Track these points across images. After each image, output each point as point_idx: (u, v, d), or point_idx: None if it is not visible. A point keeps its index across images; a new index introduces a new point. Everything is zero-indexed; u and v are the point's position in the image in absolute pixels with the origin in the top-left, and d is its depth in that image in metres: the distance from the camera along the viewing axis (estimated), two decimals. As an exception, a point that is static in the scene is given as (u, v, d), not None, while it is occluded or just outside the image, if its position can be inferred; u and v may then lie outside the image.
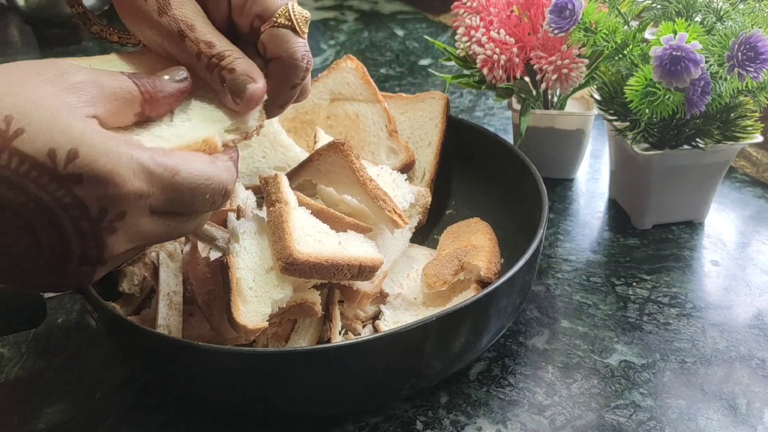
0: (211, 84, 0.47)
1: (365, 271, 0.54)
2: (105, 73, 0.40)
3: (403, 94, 0.78)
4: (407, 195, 0.65)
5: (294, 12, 0.49)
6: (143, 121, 0.42)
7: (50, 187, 0.36)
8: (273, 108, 0.50)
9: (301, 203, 0.57)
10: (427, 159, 0.74)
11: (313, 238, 0.53)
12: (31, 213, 0.36)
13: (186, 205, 0.42)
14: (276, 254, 0.52)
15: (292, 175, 0.62)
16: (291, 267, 0.51)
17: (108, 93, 0.39)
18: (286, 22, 0.48)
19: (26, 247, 0.37)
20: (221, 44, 0.47)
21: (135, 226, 0.39)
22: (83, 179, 0.36)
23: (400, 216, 0.59)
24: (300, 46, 0.49)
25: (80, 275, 0.39)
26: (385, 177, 0.65)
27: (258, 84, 0.47)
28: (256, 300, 0.51)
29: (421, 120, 0.76)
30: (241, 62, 0.47)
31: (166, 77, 0.43)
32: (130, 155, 0.38)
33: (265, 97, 0.47)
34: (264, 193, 0.57)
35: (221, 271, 0.52)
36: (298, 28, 0.49)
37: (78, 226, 0.37)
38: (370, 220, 0.61)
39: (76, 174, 0.36)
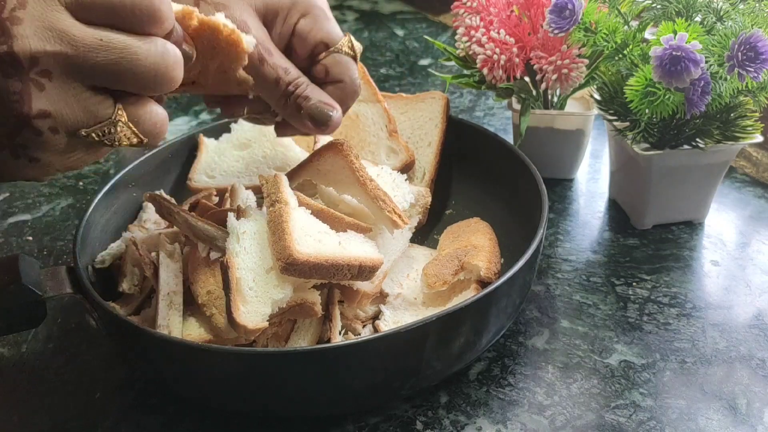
0: (285, 109, 0.52)
1: (365, 271, 0.54)
2: None
3: (403, 94, 0.78)
4: (407, 195, 0.64)
5: (353, 43, 0.55)
6: None
7: None
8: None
9: (301, 203, 0.57)
10: (427, 159, 0.74)
11: (313, 238, 0.53)
12: None
13: (106, 9, 0.38)
14: (276, 254, 0.52)
15: (292, 175, 0.62)
16: (291, 267, 0.51)
17: None
18: (350, 51, 0.54)
19: None
20: (294, 71, 0.53)
21: (45, 19, 0.36)
22: None
23: (399, 216, 0.59)
24: (357, 73, 0.56)
25: (11, 97, 0.36)
26: (385, 177, 0.65)
27: (339, 113, 0.53)
28: (256, 300, 0.51)
29: (421, 120, 0.76)
30: (312, 90, 0.52)
31: None
32: None
33: None
34: (264, 193, 0.57)
35: (221, 271, 0.52)
36: (357, 58, 0.55)
37: None
38: (370, 220, 0.61)
39: None
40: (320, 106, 0.52)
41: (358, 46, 0.55)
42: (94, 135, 0.39)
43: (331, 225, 0.57)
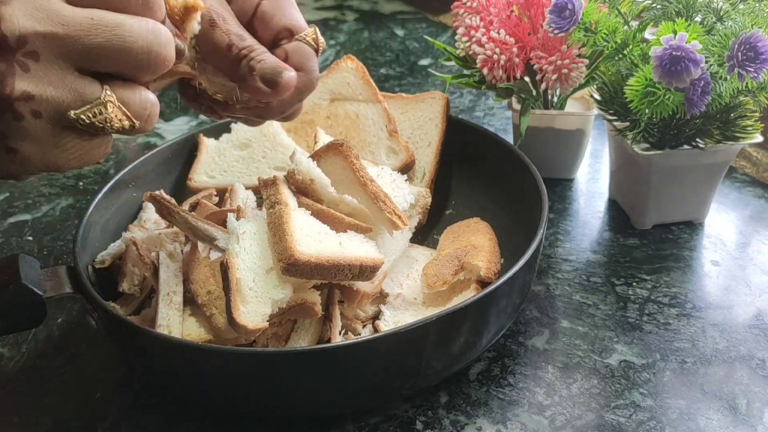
0: (236, 75, 0.48)
1: (366, 271, 0.54)
2: None
3: (403, 94, 0.78)
4: (407, 196, 0.65)
5: (318, 36, 0.53)
6: None
7: None
8: (275, 116, 0.53)
9: (300, 204, 0.57)
10: (427, 159, 0.74)
11: (313, 238, 0.53)
12: None
13: None
14: (277, 255, 0.52)
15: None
16: (292, 268, 0.51)
17: None
18: (313, 44, 0.52)
19: None
20: (250, 39, 0.49)
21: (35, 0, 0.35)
22: None
23: (399, 217, 0.59)
24: (317, 66, 0.52)
25: None
26: (385, 177, 0.65)
27: (292, 73, 0.48)
28: (256, 300, 0.51)
29: (421, 120, 0.76)
30: (269, 56, 0.49)
31: None
32: None
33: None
34: (263, 195, 0.57)
35: (221, 271, 0.52)
36: (319, 52, 0.53)
37: None
38: (370, 220, 0.61)
39: None
40: (274, 65, 0.48)
41: (322, 41, 0.53)
42: (84, 117, 0.38)
43: (331, 225, 0.57)
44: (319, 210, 0.57)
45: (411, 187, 0.66)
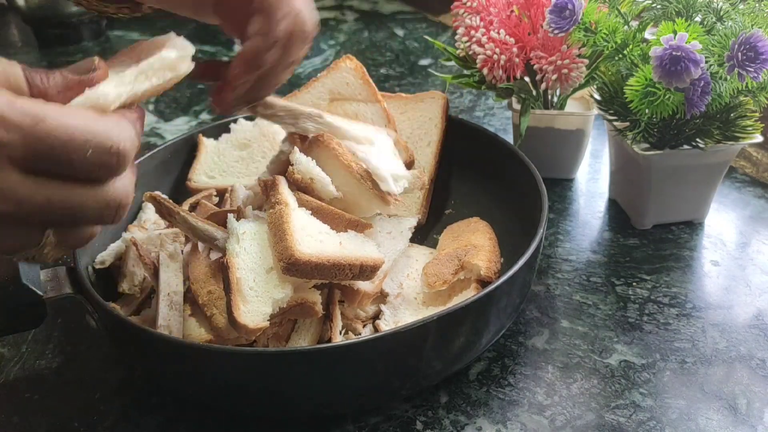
0: None
1: (366, 270, 0.54)
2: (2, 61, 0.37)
3: (403, 94, 0.78)
4: (400, 171, 0.64)
5: None
6: None
7: None
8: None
9: (300, 204, 0.57)
10: (426, 159, 0.74)
11: (314, 238, 0.53)
12: None
13: (61, 163, 0.35)
14: (277, 255, 0.52)
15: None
16: (293, 267, 0.51)
17: None
18: None
19: None
20: None
21: None
22: None
23: (389, 194, 0.59)
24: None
25: None
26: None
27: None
28: (256, 300, 0.51)
29: (420, 120, 0.76)
30: None
31: (64, 72, 0.38)
32: None
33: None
34: (263, 195, 0.57)
35: (221, 271, 0.52)
36: None
37: None
38: (363, 206, 0.61)
39: None
40: None
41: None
42: (20, 257, 0.38)
43: (331, 224, 0.57)
44: (318, 207, 0.57)
45: (405, 172, 0.66)
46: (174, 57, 0.42)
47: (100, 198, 0.37)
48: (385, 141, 0.65)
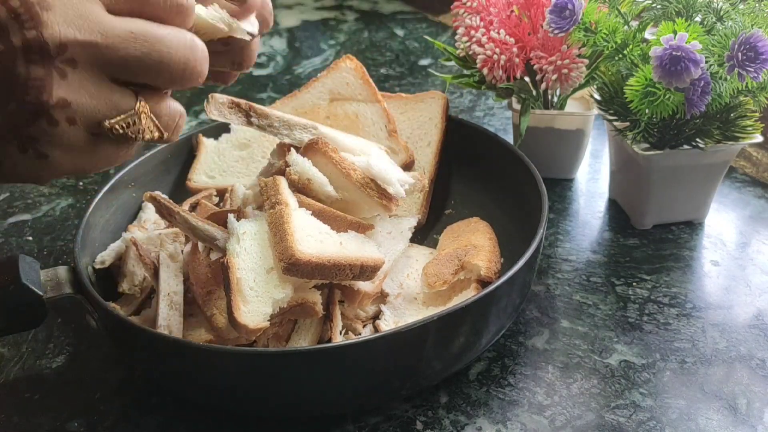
0: None
1: (367, 270, 0.54)
2: None
3: (403, 94, 0.78)
4: (401, 175, 0.64)
5: None
6: None
7: None
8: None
9: (301, 204, 0.57)
10: (426, 159, 0.74)
11: (314, 238, 0.53)
12: None
13: (142, 3, 0.38)
14: (278, 255, 0.52)
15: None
16: (293, 268, 0.51)
17: None
18: None
19: None
20: None
21: (77, 7, 0.35)
22: None
23: (390, 200, 0.59)
24: None
25: (33, 83, 0.35)
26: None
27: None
28: (257, 300, 0.51)
29: (420, 120, 0.76)
30: None
31: None
32: None
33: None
34: (263, 196, 0.57)
35: (222, 271, 0.52)
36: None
37: (9, 6, 0.34)
38: (366, 211, 0.61)
39: None
40: None
41: None
42: (118, 126, 0.38)
43: (331, 225, 0.57)
44: (320, 209, 0.57)
45: (404, 175, 0.66)
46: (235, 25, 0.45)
47: (181, 36, 0.38)
48: (380, 153, 0.66)
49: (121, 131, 0.38)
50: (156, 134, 0.40)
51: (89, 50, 0.36)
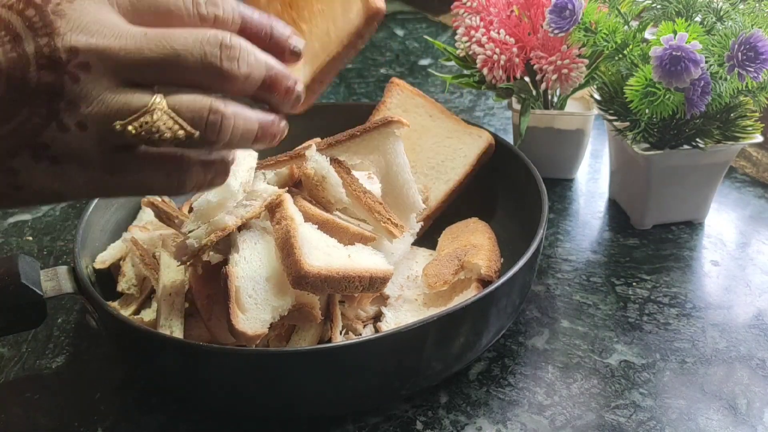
0: None
1: (376, 282, 0.54)
2: None
3: (455, 116, 0.75)
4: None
5: None
6: None
7: None
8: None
9: (306, 219, 0.56)
10: (437, 192, 0.71)
11: (322, 251, 0.53)
12: None
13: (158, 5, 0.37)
14: (286, 270, 0.51)
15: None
16: (302, 281, 0.50)
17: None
18: None
19: None
20: None
21: (91, 13, 0.35)
22: None
23: (396, 226, 0.59)
24: None
25: (44, 89, 0.34)
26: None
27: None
28: (255, 308, 0.51)
29: (456, 152, 0.73)
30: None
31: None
32: None
33: None
34: (269, 212, 0.56)
35: (221, 279, 0.52)
36: None
37: (24, 16, 0.34)
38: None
39: None
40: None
41: None
42: (131, 128, 0.35)
43: (338, 238, 0.56)
44: (324, 221, 0.57)
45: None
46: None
47: (196, 33, 0.36)
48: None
49: (134, 132, 0.35)
50: (180, 132, 0.36)
51: (103, 54, 0.35)
